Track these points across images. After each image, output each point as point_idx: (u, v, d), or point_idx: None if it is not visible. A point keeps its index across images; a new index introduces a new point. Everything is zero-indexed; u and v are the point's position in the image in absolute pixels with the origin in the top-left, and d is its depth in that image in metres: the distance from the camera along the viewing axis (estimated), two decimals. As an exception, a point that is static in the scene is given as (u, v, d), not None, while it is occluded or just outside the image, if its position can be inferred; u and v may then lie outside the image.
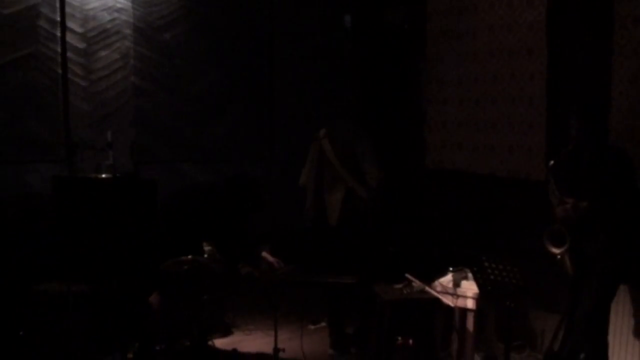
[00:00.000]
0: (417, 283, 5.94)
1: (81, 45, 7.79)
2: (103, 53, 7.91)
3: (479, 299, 5.66)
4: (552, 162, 5.18)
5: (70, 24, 7.72)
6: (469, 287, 5.70)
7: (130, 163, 6.98)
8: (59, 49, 7.67)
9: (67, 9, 7.71)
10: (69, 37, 7.72)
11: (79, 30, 7.77)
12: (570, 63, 6.16)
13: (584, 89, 6.02)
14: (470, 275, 5.64)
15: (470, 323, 5.82)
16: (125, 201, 6.51)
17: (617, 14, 5.67)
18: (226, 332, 6.91)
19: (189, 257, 6.22)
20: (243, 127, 8.47)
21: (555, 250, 5.05)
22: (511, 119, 6.70)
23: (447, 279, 5.89)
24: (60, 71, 7.65)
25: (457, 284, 5.82)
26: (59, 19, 7.66)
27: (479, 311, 5.77)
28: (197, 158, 8.23)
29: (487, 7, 6.90)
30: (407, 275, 5.99)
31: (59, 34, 7.68)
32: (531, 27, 6.43)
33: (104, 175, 6.57)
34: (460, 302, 5.75)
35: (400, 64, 8.33)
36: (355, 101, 8.29)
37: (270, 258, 6.39)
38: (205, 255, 6.28)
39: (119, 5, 7.96)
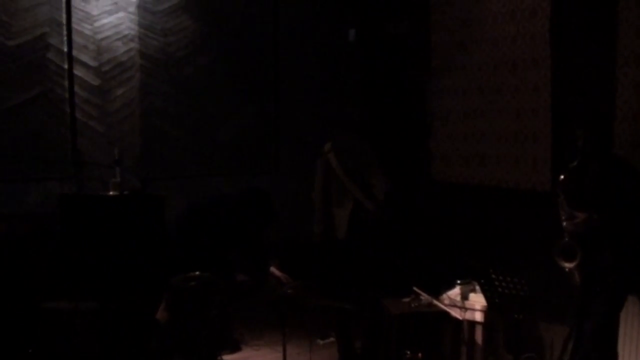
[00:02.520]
0: (424, 296, 5.94)
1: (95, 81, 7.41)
2: (119, 91, 7.56)
3: (487, 311, 5.66)
4: (561, 177, 5.17)
5: (82, 56, 7.36)
6: (477, 300, 5.70)
7: (137, 179, 7.01)
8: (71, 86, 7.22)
9: (80, 39, 7.30)
10: (82, 73, 7.30)
11: (93, 63, 7.43)
12: (575, 74, 6.17)
13: (588, 100, 6.02)
14: (478, 287, 5.64)
15: (478, 336, 5.81)
16: (133, 218, 6.54)
17: (620, 24, 5.68)
18: (235, 348, 6.90)
19: (197, 272, 6.23)
20: (248, 140, 8.47)
21: (566, 265, 5.05)
22: (516, 130, 6.70)
23: (455, 292, 5.88)
24: (68, 110, 7.32)
25: (465, 297, 5.82)
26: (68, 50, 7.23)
27: (488, 324, 5.76)
28: (202, 172, 8.23)
29: (491, 19, 6.92)
30: (415, 289, 5.99)
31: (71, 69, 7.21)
32: (535, 39, 6.44)
33: (111, 193, 6.60)
34: (468, 315, 5.75)
35: (404, 77, 8.33)
36: (360, 114, 8.31)
37: (278, 273, 6.39)
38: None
39: (132, 33, 7.60)
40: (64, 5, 7.29)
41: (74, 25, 7.36)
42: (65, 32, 7.31)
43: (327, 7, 8.72)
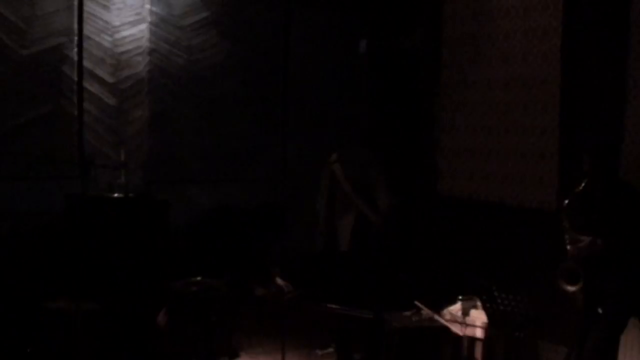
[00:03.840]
0: (426, 311, 5.93)
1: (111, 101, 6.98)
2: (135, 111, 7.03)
3: (488, 328, 5.64)
4: (566, 201, 5.17)
5: (99, 71, 6.92)
6: (478, 316, 5.68)
7: (143, 182, 7.02)
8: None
9: (97, 52, 6.80)
10: (97, 90, 6.84)
11: (110, 79, 6.98)
12: (584, 94, 6.17)
13: (597, 121, 6.03)
14: (479, 304, 5.63)
15: (478, 352, 5.79)
16: (136, 220, 6.55)
17: (632, 47, 5.69)
18: (233, 355, 6.88)
19: (198, 278, 6.24)
20: (255, 147, 8.48)
21: (569, 288, 5.05)
22: (523, 148, 6.70)
23: (456, 308, 5.87)
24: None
25: (466, 313, 5.81)
26: (84, 64, 6.70)
27: (488, 341, 5.74)
28: (209, 178, 8.23)
29: (502, 36, 6.93)
30: (417, 303, 5.98)
31: (85, 84, 6.66)
32: (546, 58, 6.45)
33: (116, 195, 6.61)
34: (468, 331, 5.73)
35: (414, 90, 8.34)
36: (368, 126, 8.31)
37: (280, 282, 6.39)
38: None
39: (151, 46, 7.08)
40: (81, 13, 6.85)
41: (93, 36, 6.98)
42: (82, 43, 6.88)
43: (339, 17, 8.73)
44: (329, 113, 8.59)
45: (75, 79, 6.80)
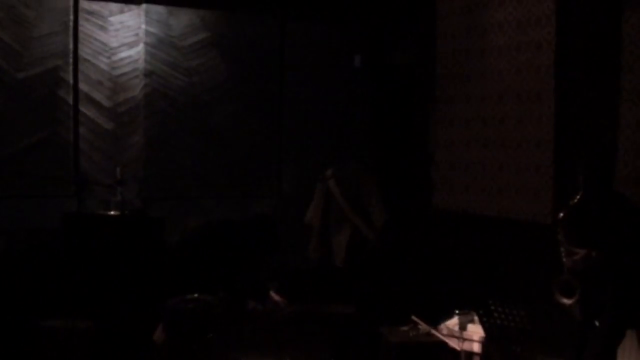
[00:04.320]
0: (423, 325, 5.91)
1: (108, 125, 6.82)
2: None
3: (485, 342, 5.63)
4: (561, 214, 5.18)
5: (95, 94, 6.78)
6: (475, 331, 5.67)
7: (139, 199, 7.00)
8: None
9: (94, 75, 6.67)
10: (93, 114, 6.69)
11: (107, 103, 6.81)
12: (578, 107, 6.19)
13: (591, 133, 6.04)
14: (476, 318, 5.62)
15: (476, 367, 5.78)
16: (132, 237, 6.54)
17: (624, 60, 5.71)
18: (231, 372, 6.87)
19: (195, 295, 6.22)
20: (251, 164, 8.47)
21: (565, 301, 5.05)
22: (518, 161, 6.72)
23: (453, 322, 5.86)
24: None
25: (463, 327, 5.79)
26: (80, 87, 6.55)
27: (485, 355, 5.73)
28: (205, 194, 8.22)
29: (496, 51, 6.95)
30: (414, 318, 5.97)
31: (81, 108, 6.52)
32: (539, 71, 6.47)
33: (112, 212, 6.60)
34: (466, 346, 5.72)
35: (409, 105, 8.36)
36: (363, 141, 8.32)
37: (276, 297, 6.37)
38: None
39: (149, 68, 6.89)
40: (76, 34, 6.71)
41: (89, 58, 6.87)
42: (77, 66, 6.75)
43: (334, 32, 8.75)
44: (323, 127, 8.59)
45: (71, 102, 6.67)
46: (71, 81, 6.64)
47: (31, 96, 6.60)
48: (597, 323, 5.04)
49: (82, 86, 6.72)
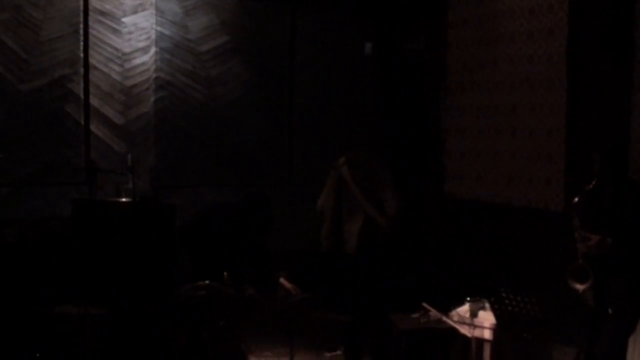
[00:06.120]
0: (434, 312, 5.91)
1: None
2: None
3: (496, 329, 5.63)
4: (575, 199, 5.16)
5: (105, 108, 6.40)
6: (486, 318, 5.67)
7: (150, 187, 7.01)
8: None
9: (105, 86, 6.26)
10: (104, 135, 6.35)
11: (119, 120, 6.52)
12: (590, 95, 6.17)
13: (603, 121, 6.02)
14: (487, 305, 5.62)
15: (487, 354, 5.77)
16: (144, 225, 6.54)
17: (637, 47, 5.69)
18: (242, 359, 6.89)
19: (206, 282, 6.22)
20: (262, 151, 8.48)
21: (579, 287, 5.04)
22: (530, 149, 6.70)
23: (464, 309, 5.86)
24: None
25: (474, 314, 5.79)
26: (91, 101, 6.08)
27: (496, 342, 5.73)
28: (216, 182, 8.23)
29: (508, 39, 6.93)
30: (424, 305, 5.97)
31: (92, 128, 6.14)
32: (551, 59, 6.45)
33: (123, 199, 6.61)
34: (477, 333, 5.72)
35: (420, 93, 8.35)
36: (374, 129, 8.31)
37: (287, 284, 6.37)
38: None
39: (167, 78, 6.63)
40: (87, 38, 6.31)
41: (100, 66, 6.53)
42: (88, 75, 6.34)
43: (344, 20, 8.74)
44: (334, 115, 8.59)
45: (82, 122, 6.30)
46: (80, 94, 6.29)
47: (37, 112, 6.20)
48: (609, 311, 5.04)
49: (92, 100, 6.34)
